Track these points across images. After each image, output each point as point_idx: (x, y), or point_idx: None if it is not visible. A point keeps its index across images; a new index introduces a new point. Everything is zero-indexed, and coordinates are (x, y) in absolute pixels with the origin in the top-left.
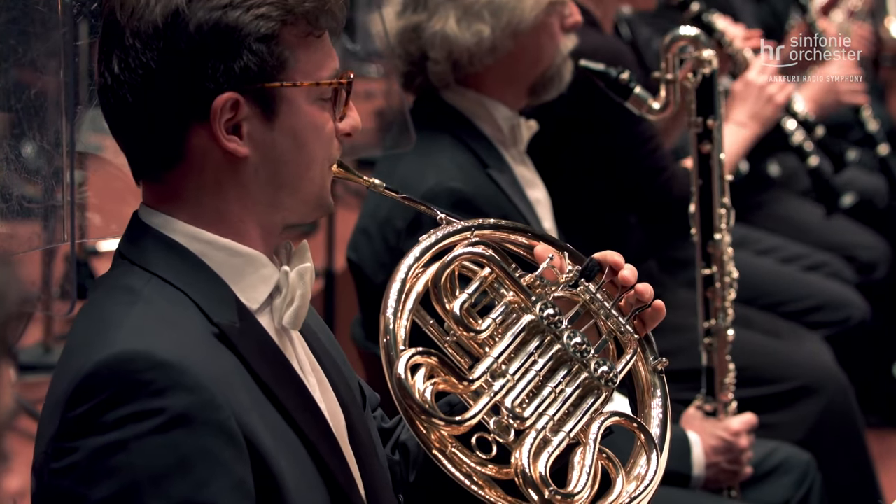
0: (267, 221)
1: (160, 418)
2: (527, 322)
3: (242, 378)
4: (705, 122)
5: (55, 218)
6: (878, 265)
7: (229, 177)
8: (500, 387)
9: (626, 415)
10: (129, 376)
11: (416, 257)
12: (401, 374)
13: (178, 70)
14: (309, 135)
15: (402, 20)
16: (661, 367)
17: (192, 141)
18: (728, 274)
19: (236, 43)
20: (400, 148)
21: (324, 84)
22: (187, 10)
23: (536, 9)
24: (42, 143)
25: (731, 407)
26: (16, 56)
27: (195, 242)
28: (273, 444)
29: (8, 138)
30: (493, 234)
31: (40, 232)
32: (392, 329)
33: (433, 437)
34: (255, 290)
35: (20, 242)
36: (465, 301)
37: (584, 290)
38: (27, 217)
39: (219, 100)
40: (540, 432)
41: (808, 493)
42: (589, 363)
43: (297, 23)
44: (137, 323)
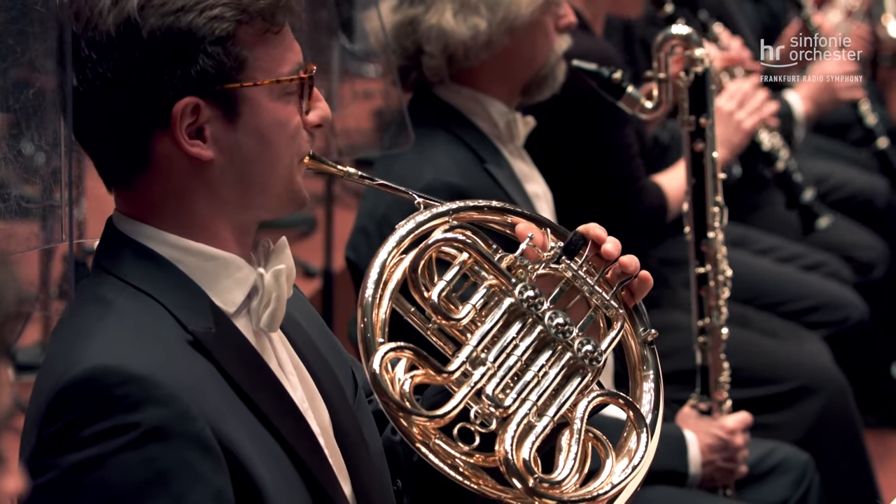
0: (239, 221)
1: (135, 433)
2: (507, 305)
3: (218, 385)
4: (698, 121)
5: (53, 218)
6: (877, 265)
7: (196, 181)
8: (479, 376)
9: (613, 392)
10: (102, 392)
11: (393, 245)
12: (375, 370)
13: (134, 79)
14: (274, 132)
15: (398, 14)
16: (650, 338)
17: (157, 148)
18: (722, 272)
19: (191, 47)
20: (398, 147)
21: (284, 80)
22: (139, 17)
23: (532, 5)
24: (40, 143)
25: (725, 405)
26: (14, 56)
27: (168, 248)
28: (252, 449)
29: (6, 138)
30: (474, 215)
31: (38, 232)
32: (370, 320)
33: (415, 431)
34: (231, 294)
35: (18, 242)
36: (443, 288)
37: (567, 267)
38: (25, 217)
39: (178, 106)
40: (523, 418)
41: (807, 493)
42: (573, 343)
43: (253, 21)
44: (109, 336)
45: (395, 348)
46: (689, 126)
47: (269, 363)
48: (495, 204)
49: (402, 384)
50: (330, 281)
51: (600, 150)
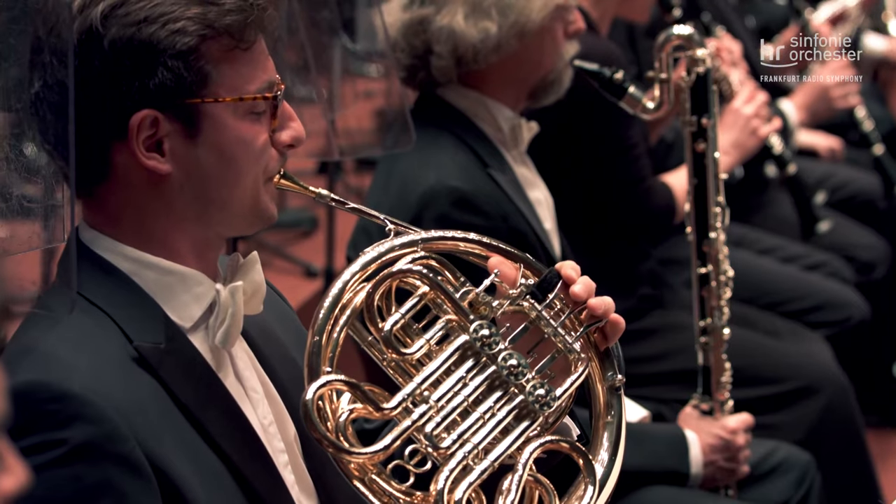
0: (199, 237)
1: (61, 449)
2: (459, 343)
3: (160, 403)
4: (700, 121)
5: (55, 217)
6: (878, 265)
7: (154, 194)
8: (419, 415)
9: (563, 439)
10: (32, 407)
11: (355, 271)
12: (307, 402)
13: (93, 88)
14: (236, 150)
15: (408, 13)
16: (618, 384)
17: (116, 159)
18: (723, 272)
19: (151, 59)
20: (400, 148)
21: (247, 98)
22: (101, 26)
23: (544, 11)
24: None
25: (727, 406)
26: (16, 55)
27: (124, 261)
28: (190, 471)
29: (8, 138)
30: (445, 245)
31: (40, 231)
32: (319, 344)
33: (352, 466)
34: (187, 309)
35: (20, 242)
36: (396, 321)
37: (531, 307)
38: (27, 217)
39: (135, 117)
40: (461, 460)
41: (808, 493)
42: (525, 385)
43: (220, 37)
44: (49, 349)
45: (329, 382)
46: (690, 126)
47: (226, 379)
48: (470, 236)
49: (340, 416)
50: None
51: (607, 150)
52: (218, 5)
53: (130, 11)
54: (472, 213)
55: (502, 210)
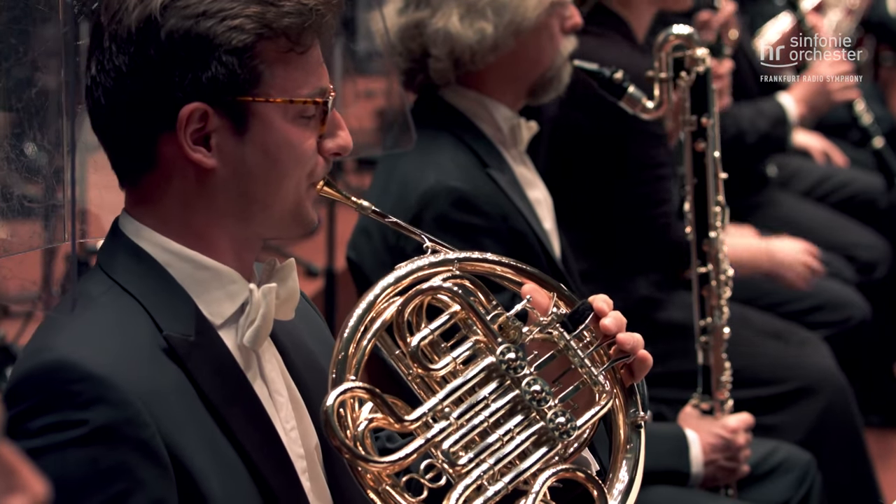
0: (238, 235)
1: (81, 430)
2: (486, 364)
3: (184, 394)
4: (699, 121)
5: (56, 217)
6: (879, 265)
7: (197, 188)
8: (438, 430)
9: (579, 468)
10: (56, 385)
11: (388, 283)
12: (328, 408)
13: (146, 76)
14: (282, 151)
15: (403, 17)
16: (640, 421)
17: (163, 148)
18: (723, 272)
19: (205, 53)
20: (400, 147)
21: (297, 101)
22: (160, 16)
23: (539, 8)
24: (43, 143)
25: (727, 405)
26: (17, 55)
27: (162, 252)
28: (208, 464)
29: (9, 138)
30: (480, 267)
31: (41, 231)
32: (345, 354)
33: (368, 476)
34: (219, 305)
35: (21, 242)
36: (424, 336)
37: (560, 336)
38: (28, 216)
39: (185, 109)
40: (476, 480)
41: (808, 493)
42: (546, 412)
43: (277, 38)
44: (79, 331)
45: (350, 388)
46: (690, 126)
47: (253, 381)
48: (505, 260)
49: (359, 425)
50: (332, 281)
51: (628, 165)
52: (277, 6)
53: (190, 4)
54: (471, 213)
55: (502, 210)
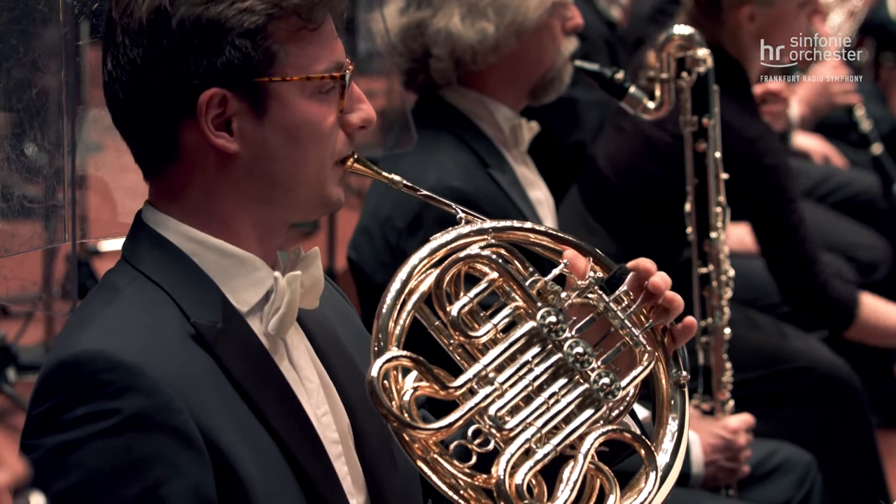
0: (263, 220)
1: (114, 419)
2: (527, 329)
3: (215, 380)
4: (700, 121)
5: (56, 217)
6: (879, 266)
7: (221, 174)
8: (484, 395)
9: (625, 429)
10: (87, 376)
11: (424, 255)
12: (374, 378)
13: (162, 67)
14: (303, 130)
15: (405, 17)
16: (683, 380)
17: (185, 138)
18: (724, 272)
19: (218, 38)
20: (401, 147)
21: (314, 78)
22: (170, 6)
23: (540, 8)
24: (43, 143)
25: (728, 406)
26: (17, 56)
27: (187, 242)
28: (243, 449)
29: (9, 138)
30: (514, 235)
31: (41, 231)
32: (385, 328)
33: (416, 446)
34: (245, 293)
35: (21, 242)
36: (464, 305)
37: (599, 298)
38: (28, 217)
39: (204, 95)
40: (524, 443)
41: (809, 494)
42: (590, 374)
43: (287, 16)
44: (107, 322)
45: (396, 357)
46: (691, 126)
47: (281, 364)
48: (539, 227)
49: (404, 394)
50: (333, 281)
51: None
52: None
53: None
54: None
55: (502, 210)
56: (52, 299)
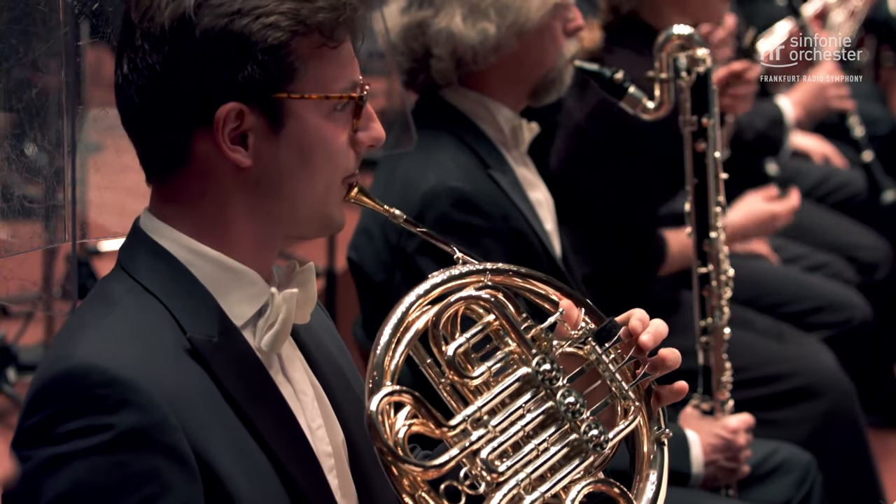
0: (264, 234)
1: (108, 435)
2: (521, 374)
3: (209, 395)
4: (700, 121)
5: (56, 218)
6: (880, 266)
7: (231, 186)
8: (477, 437)
9: (611, 482)
10: (82, 390)
11: (421, 293)
12: (373, 412)
13: (182, 75)
14: (316, 148)
15: (406, 16)
16: (664, 438)
17: (197, 147)
18: (724, 272)
19: (241, 52)
20: (401, 147)
21: (334, 97)
22: (195, 15)
23: (542, 9)
24: (43, 143)
25: (728, 406)
26: (17, 56)
27: (185, 252)
28: (235, 466)
29: (9, 138)
30: (510, 279)
31: (41, 232)
32: (380, 363)
33: (404, 481)
34: (240, 306)
35: (21, 242)
36: (460, 345)
37: (591, 350)
38: (28, 217)
39: (222, 109)
40: (513, 488)
41: (809, 494)
42: (580, 424)
43: (311, 34)
44: (102, 335)
45: (396, 392)
46: (691, 126)
47: (276, 378)
48: (536, 273)
49: (398, 431)
50: (333, 281)
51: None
52: (311, 2)
53: (224, 2)
54: (472, 214)
55: (503, 210)
56: (52, 299)
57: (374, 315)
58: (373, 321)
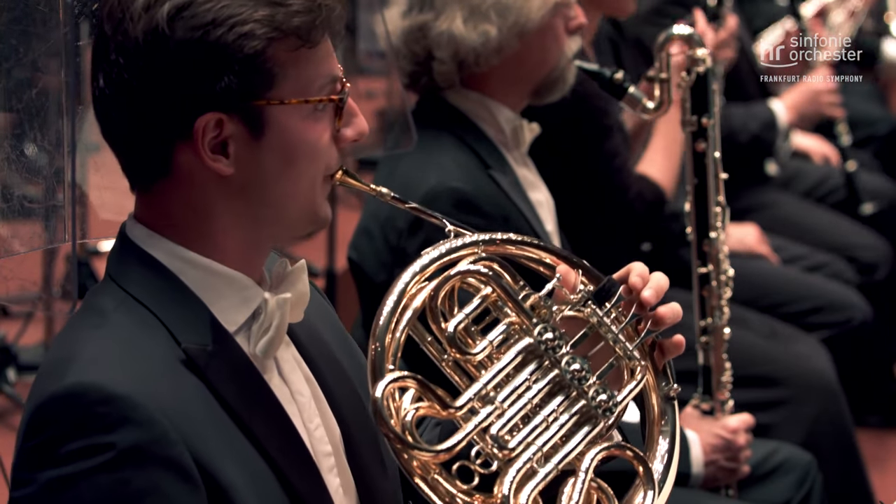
0: (253, 239)
1: (110, 454)
2: (524, 346)
3: (207, 405)
4: (700, 121)
5: (56, 218)
6: (880, 266)
7: (213, 194)
8: (486, 414)
9: (624, 445)
10: (80, 410)
11: (416, 270)
12: (378, 398)
13: (158, 89)
14: (299, 151)
15: (407, 19)
16: (673, 393)
17: (178, 158)
18: (724, 272)
19: (218, 63)
20: (401, 148)
21: (313, 101)
22: (168, 28)
23: (543, 9)
24: (43, 143)
25: (727, 405)
26: (17, 56)
27: (174, 260)
28: (236, 474)
29: (9, 138)
30: (504, 248)
31: (41, 232)
32: (382, 345)
33: (415, 464)
34: (233, 312)
35: (21, 242)
36: (460, 321)
37: (592, 312)
38: (28, 217)
39: (201, 120)
40: (526, 462)
41: (809, 494)
42: (587, 391)
43: (287, 38)
44: (97, 351)
45: (401, 377)
46: (691, 126)
47: (272, 380)
48: (528, 239)
49: (406, 415)
50: (333, 281)
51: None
52: (286, 6)
53: (197, 13)
54: (473, 214)
55: (503, 211)
56: (52, 299)
57: (374, 315)
58: (373, 321)
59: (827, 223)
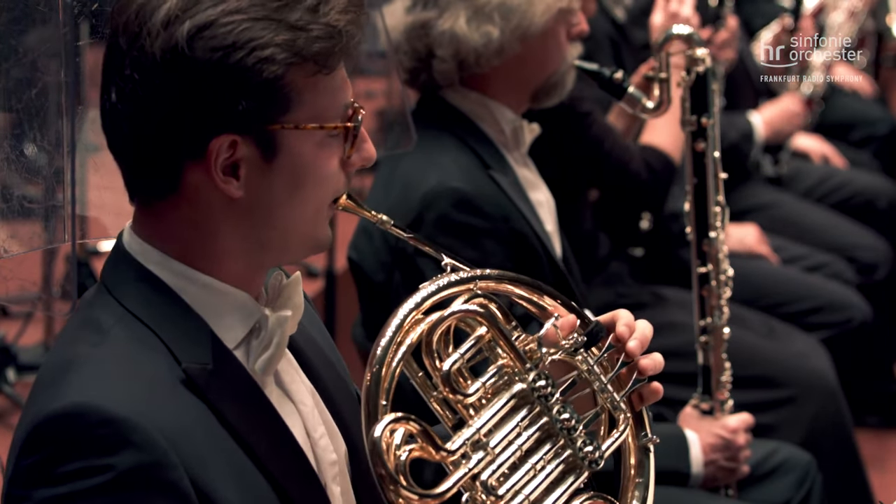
0: (253, 261)
1: (108, 476)
2: (516, 391)
3: (208, 426)
4: (699, 121)
5: (56, 218)
6: (879, 266)
7: (221, 215)
8: (477, 460)
9: (603, 495)
10: (79, 431)
11: (413, 305)
12: (376, 439)
13: (174, 108)
14: (309, 176)
15: (410, 16)
16: (650, 445)
17: (188, 177)
18: (723, 272)
19: (236, 86)
20: (401, 148)
21: (328, 127)
22: (187, 48)
23: (546, 14)
24: (43, 144)
25: (727, 405)
26: (17, 56)
27: (174, 277)
28: (236, 495)
29: (9, 138)
30: (499, 285)
31: (41, 232)
32: (377, 379)
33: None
34: (233, 329)
35: (21, 242)
36: (455, 361)
37: (583, 360)
38: (28, 217)
39: (216, 142)
40: None
41: (809, 494)
42: (575, 441)
43: (306, 63)
44: (96, 371)
45: (399, 419)
46: (690, 126)
47: (273, 394)
48: (524, 278)
49: (399, 456)
50: (332, 281)
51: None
52: (306, 31)
53: (218, 34)
54: (473, 215)
55: (503, 211)
56: (51, 299)
57: (373, 315)
58: (372, 321)
59: (827, 223)
